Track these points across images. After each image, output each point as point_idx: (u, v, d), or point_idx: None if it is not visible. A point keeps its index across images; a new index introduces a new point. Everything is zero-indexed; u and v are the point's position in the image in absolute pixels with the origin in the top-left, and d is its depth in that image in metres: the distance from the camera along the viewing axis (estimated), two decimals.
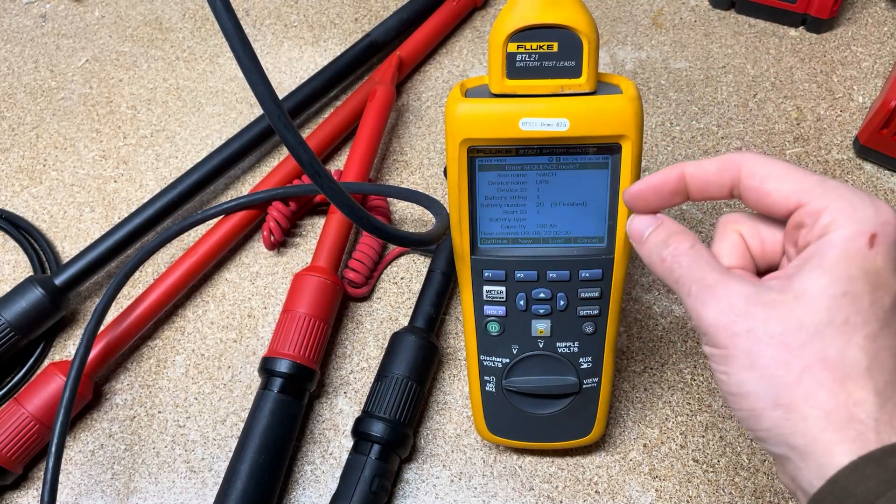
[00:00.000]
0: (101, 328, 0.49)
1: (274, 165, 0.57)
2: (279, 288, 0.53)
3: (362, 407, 0.46)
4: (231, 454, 0.45)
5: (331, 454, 0.47)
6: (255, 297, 0.53)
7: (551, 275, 0.39)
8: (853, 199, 0.27)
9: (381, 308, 0.52)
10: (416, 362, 0.46)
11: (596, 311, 0.40)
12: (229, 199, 0.55)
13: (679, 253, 0.30)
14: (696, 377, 0.48)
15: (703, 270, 0.29)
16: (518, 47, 0.35)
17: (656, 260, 0.31)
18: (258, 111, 0.61)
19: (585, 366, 0.41)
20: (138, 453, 0.47)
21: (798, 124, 0.58)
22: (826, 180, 0.28)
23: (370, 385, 0.48)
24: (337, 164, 0.59)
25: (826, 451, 0.25)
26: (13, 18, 0.69)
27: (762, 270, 0.31)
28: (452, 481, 0.46)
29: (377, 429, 0.44)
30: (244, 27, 0.57)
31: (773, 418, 0.26)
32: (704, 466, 0.45)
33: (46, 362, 0.51)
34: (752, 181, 0.29)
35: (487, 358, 0.42)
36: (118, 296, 0.52)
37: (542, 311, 0.40)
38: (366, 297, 0.52)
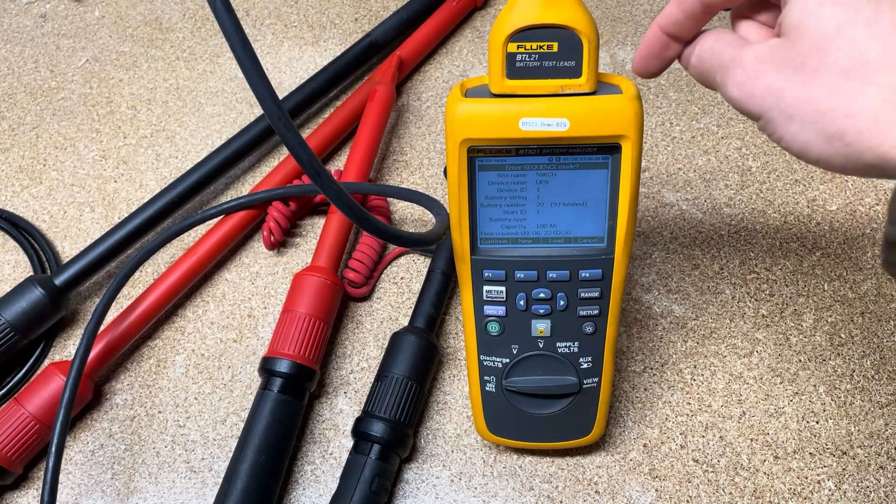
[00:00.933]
0: (101, 328, 0.49)
1: (274, 165, 0.57)
2: (279, 288, 0.53)
3: (362, 407, 0.46)
4: (231, 454, 0.45)
5: (331, 454, 0.47)
6: (255, 297, 0.53)
7: (551, 275, 0.39)
8: None
9: (381, 308, 0.52)
10: (416, 362, 0.46)
11: (596, 311, 0.40)
12: (229, 199, 0.55)
13: (704, 49, 0.30)
14: (696, 377, 0.48)
15: (720, 55, 0.29)
16: (518, 47, 0.35)
17: (696, 71, 0.31)
18: (258, 111, 0.61)
19: (585, 366, 0.41)
20: (138, 453, 0.47)
21: None
22: None
23: (370, 385, 0.48)
24: (337, 164, 0.59)
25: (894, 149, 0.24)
26: (13, 18, 0.69)
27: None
28: (452, 481, 0.46)
29: (377, 429, 0.44)
30: (244, 27, 0.57)
31: (837, 152, 0.25)
32: (704, 466, 0.45)
33: (46, 362, 0.51)
34: None
35: (487, 358, 0.42)
36: (118, 296, 0.52)
37: (542, 311, 0.40)
38: (366, 297, 0.52)
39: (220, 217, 0.53)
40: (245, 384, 0.49)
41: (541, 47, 0.35)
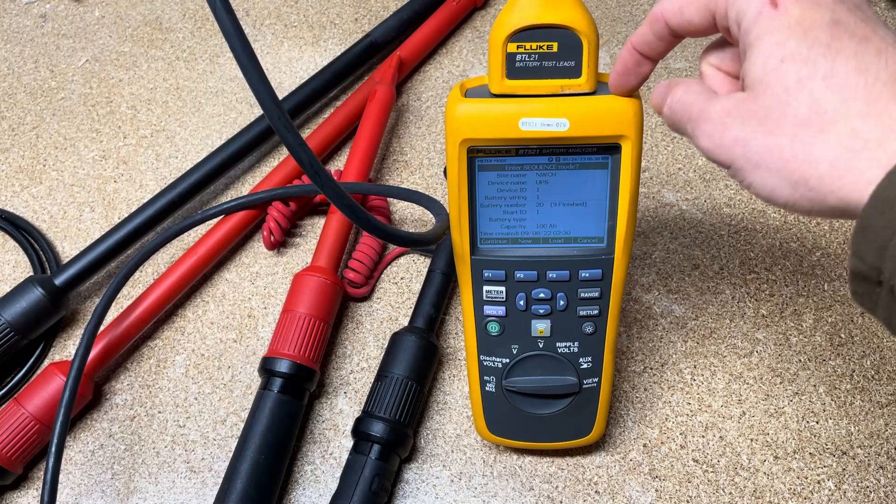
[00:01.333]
0: (101, 328, 0.49)
1: (274, 165, 0.57)
2: (279, 288, 0.53)
3: (362, 407, 0.46)
4: (231, 454, 0.45)
5: (331, 454, 0.47)
6: (255, 297, 0.53)
7: (551, 275, 0.39)
8: None
9: (381, 308, 0.52)
10: (416, 362, 0.46)
11: (596, 311, 0.40)
12: (229, 199, 0.55)
13: (675, 101, 0.31)
14: (696, 377, 0.48)
15: (690, 107, 0.30)
16: (518, 47, 0.35)
17: (668, 120, 0.32)
18: (258, 111, 0.61)
19: (585, 366, 0.41)
20: (138, 453, 0.47)
21: None
22: None
23: (370, 385, 0.48)
24: (337, 164, 0.59)
25: (857, 189, 0.25)
26: (13, 18, 0.69)
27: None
28: (452, 481, 0.46)
29: (377, 429, 0.44)
30: (244, 27, 0.57)
31: (803, 196, 0.27)
32: (704, 466, 0.45)
33: (46, 362, 0.51)
34: (675, 19, 0.31)
35: (487, 358, 0.42)
36: (118, 296, 0.52)
37: (541, 311, 0.40)
38: (366, 297, 0.52)
39: (220, 217, 0.53)
40: (245, 384, 0.49)
41: (541, 47, 0.35)
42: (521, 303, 0.40)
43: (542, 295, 0.40)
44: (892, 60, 0.26)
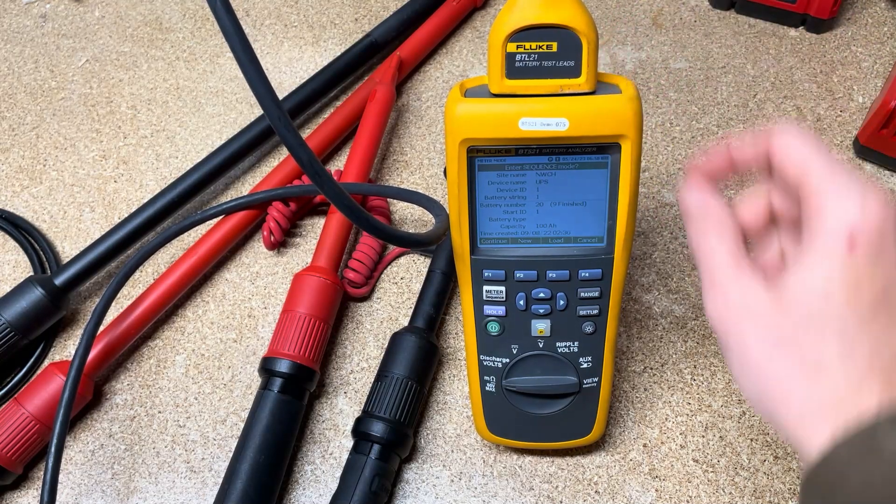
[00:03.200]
0: (101, 328, 0.49)
1: (274, 165, 0.57)
2: (279, 288, 0.53)
3: (362, 407, 0.46)
4: (231, 454, 0.45)
5: (331, 454, 0.47)
6: (255, 297, 0.53)
7: (551, 275, 0.39)
8: (844, 191, 0.28)
9: (381, 308, 0.52)
10: (416, 362, 0.46)
11: (596, 311, 0.40)
12: (229, 199, 0.55)
13: (702, 243, 0.31)
14: (696, 377, 0.48)
15: (715, 266, 0.30)
16: (517, 47, 0.35)
17: (691, 244, 0.32)
18: (258, 111, 0.61)
19: (585, 365, 0.41)
20: (138, 453, 0.47)
21: (798, 124, 0.58)
22: (830, 164, 0.29)
23: (370, 385, 0.48)
24: (337, 164, 0.59)
25: (806, 448, 0.26)
26: (13, 18, 0.69)
27: (788, 226, 0.33)
28: (452, 481, 0.46)
29: (377, 429, 0.44)
30: (244, 27, 0.57)
31: (763, 411, 0.28)
32: (704, 466, 0.45)
33: (46, 362, 0.51)
34: (775, 156, 0.31)
35: (487, 358, 0.42)
36: (118, 296, 0.52)
37: (541, 311, 0.40)
38: (366, 297, 0.52)
39: (220, 217, 0.53)
40: (245, 384, 0.49)
41: (540, 47, 0.35)
42: (521, 302, 0.40)
43: (541, 295, 0.40)
44: None
